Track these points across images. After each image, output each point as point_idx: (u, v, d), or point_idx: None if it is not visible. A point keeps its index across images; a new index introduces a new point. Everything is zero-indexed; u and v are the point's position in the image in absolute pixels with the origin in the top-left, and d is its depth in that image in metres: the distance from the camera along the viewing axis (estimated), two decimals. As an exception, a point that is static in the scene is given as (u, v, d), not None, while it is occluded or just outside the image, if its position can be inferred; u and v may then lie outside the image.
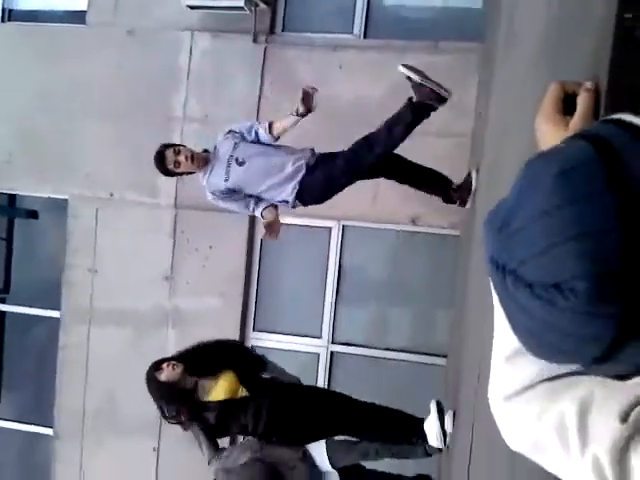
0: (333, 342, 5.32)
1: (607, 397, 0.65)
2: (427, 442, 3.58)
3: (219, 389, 3.53)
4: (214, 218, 5.31)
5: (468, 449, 2.53)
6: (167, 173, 3.83)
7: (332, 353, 5.31)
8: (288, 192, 3.69)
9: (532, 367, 0.71)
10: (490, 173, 3.27)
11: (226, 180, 3.71)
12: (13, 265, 6.13)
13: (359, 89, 5.17)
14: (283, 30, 5.50)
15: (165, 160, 3.72)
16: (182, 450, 5.22)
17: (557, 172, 0.56)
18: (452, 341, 4.49)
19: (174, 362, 3.51)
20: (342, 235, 5.29)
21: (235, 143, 3.74)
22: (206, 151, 3.84)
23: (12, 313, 6.07)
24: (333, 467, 3.68)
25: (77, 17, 5.86)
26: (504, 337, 0.73)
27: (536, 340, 0.62)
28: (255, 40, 5.36)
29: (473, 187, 3.84)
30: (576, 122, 0.83)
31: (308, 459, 3.86)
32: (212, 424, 3.51)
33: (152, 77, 5.57)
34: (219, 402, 3.50)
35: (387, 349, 5.22)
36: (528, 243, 0.57)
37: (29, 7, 6.10)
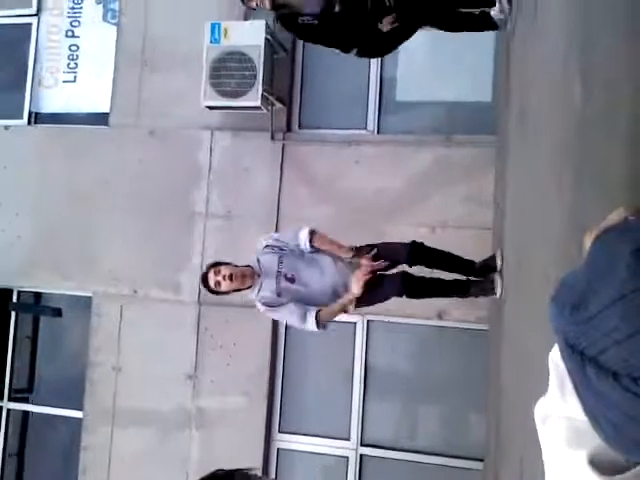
0: (362, 444, 5.18)
1: None
2: None
3: None
4: (237, 314, 5.32)
5: None
6: (214, 293, 3.83)
7: (361, 456, 5.17)
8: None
9: None
10: (515, 264, 3.26)
11: (279, 295, 3.72)
12: (37, 364, 6.13)
13: (375, 182, 5.26)
14: (299, 127, 5.65)
15: (208, 281, 3.75)
16: None
17: (633, 250, 0.53)
18: (489, 444, 4.36)
19: None
20: (367, 330, 5.25)
21: (280, 257, 3.76)
22: (248, 266, 3.82)
23: (35, 413, 6.03)
24: None
25: (100, 119, 6.08)
26: None
27: (618, 433, 0.58)
28: (273, 138, 5.51)
29: (498, 266, 3.84)
30: None
31: None
32: None
33: (174, 175, 5.71)
34: None
35: (419, 452, 5.07)
36: (608, 329, 0.53)
37: (54, 110, 6.35)
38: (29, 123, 6.31)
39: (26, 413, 6.10)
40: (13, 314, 6.09)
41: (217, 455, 5.29)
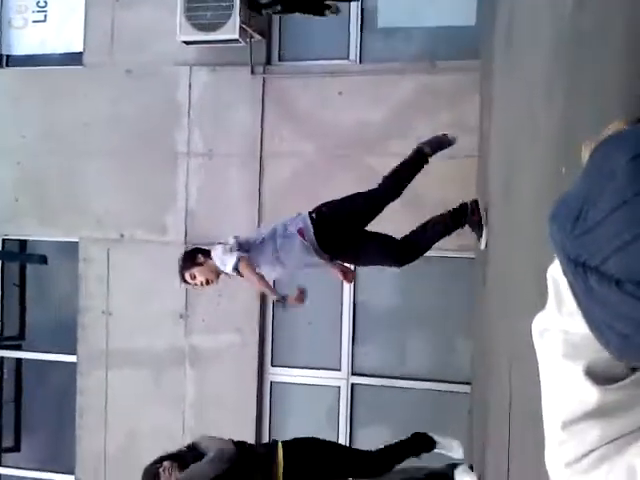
0: (353, 374, 5.27)
1: None
2: None
3: None
4: (224, 253, 5.31)
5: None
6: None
7: (352, 385, 5.26)
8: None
9: (593, 432, 0.69)
10: (503, 192, 3.24)
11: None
12: (27, 311, 6.13)
13: (359, 113, 5.16)
14: (280, 60, 5.50)
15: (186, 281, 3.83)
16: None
17: (631, 157, 0.52)
18: (475, 368, 4.44)
19: (169, 466, 3.47)
20: (355, 263, 5.26)
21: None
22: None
23: (29, 360, 6.07)
24: None
25: (74, 59, 5.90)
26: (559, 402, 0.71)
27: (626, 342, 0.58)
28: (253, 72, 5.36)
29: (482, 219, 3.82)
30: None
31: None
32: None
33: (153, 114, 5.58)
34: None
35: (408, 378, 5.17)
36: (610, 236, 0.52)
37: (26, 52, 6.14)
38: (1, 65, 6.11)
39: (19, 360, 6.14)
40: (-1, 263, 6.05)
41: (212, 391, 5.37)
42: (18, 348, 6.11)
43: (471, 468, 3.94)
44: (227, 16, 5.04)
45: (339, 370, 5.27)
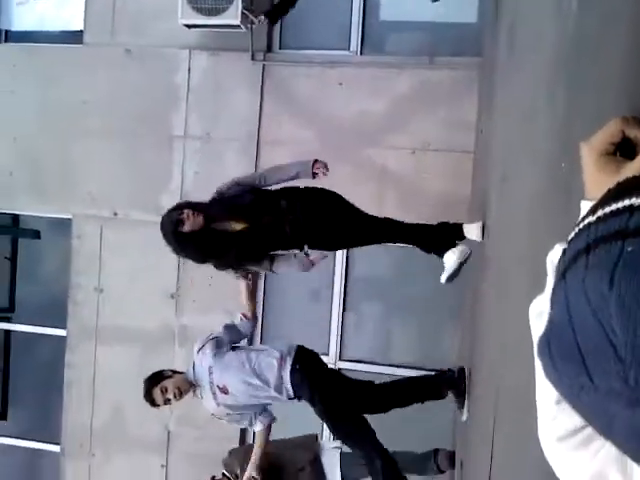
0: (340, 359, 5.37)
1: None
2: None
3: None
4: (218, 236, 5.37)
5: (488, 458, 2.59)
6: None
7: (339, 370, 5.35)
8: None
9: None
10: (500, 186, 3.31)
11: (218, 405, 3.68)
12: (18, 285, 6.16)
13: (358, 105, 5.23)
14: (280, 47, 5.55)
15: (155, 400, 3.69)
16: (190, 466, 5.27)
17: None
18: (462, 355, 4.55)
19: (190, 211, 3.38)
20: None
21: (209, 367, 3.65)
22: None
23: (18, 332, 6.10)
24: None
25: (74, 37, 5.90)
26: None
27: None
28: (253, 58, 5.41)
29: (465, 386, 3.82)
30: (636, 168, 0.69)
31: (318, 464, 3.95)
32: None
33: (151, 95, 5.61)
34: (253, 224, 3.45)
35: (395, 365, 5.27)
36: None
37: (26, 28, 6.13)
38: (-1, 41, 6.10)
39: (8, 332, 6.17)
40: (-9, 236, 6.07)
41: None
42: (7, 320, 6.14)
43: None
44: (229, 1, 5.07)
45: (327, 355, 5.36)
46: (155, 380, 3.70)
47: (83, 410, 5.70)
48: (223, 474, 3.78)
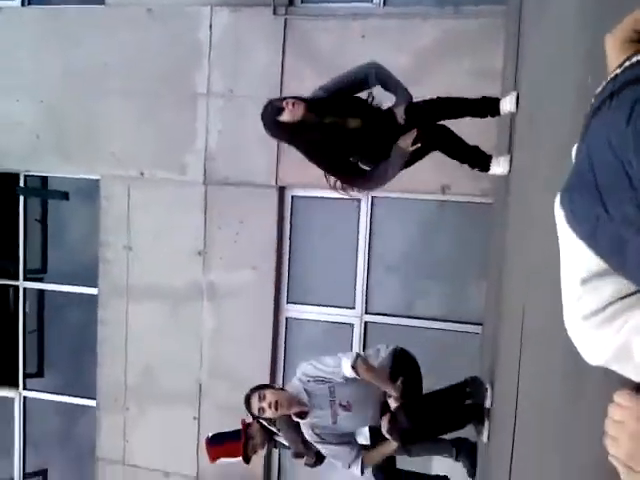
0: (367, 312, 5.42)
1: None
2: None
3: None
4: (243, 193, 5.40)
5: (512, 421, 2.62)
6: (255, 418, 3.68)
7: (366, 323, 5.42)
8: None
9: (611, 287, 0.74)
10: (528, 121, 3.27)
11: (334, 423, 3.55)
12: (49, 246, 6.29)
13: (381, 57, 5.13)
14: (302, 1, 5.47)
15: (251, 407, 3.48)
16: (222, 417, 5.39)
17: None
18: (487, 309, 4.56)
19: (292, 100, 3.30)
20: (372, 206, 5.34)
21: (330, 387, 3.52)
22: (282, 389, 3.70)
23: (51, 292, 6.26)
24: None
25: (95, -2, 5.88)
26: (579, 260, 0.75)
27: None
28: (275, 12, 5.35)
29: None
30: None
31: None
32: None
33: (174, 54, 5.59)
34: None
35: (420, 318, 5.31)
36: None
37: (47, -10, 6.13)
38: (22, 4, 6.11)
39: (42, 292, 6.33)
40: (21, 198, 6.17)
41: (229, 325, 5.54)
42: (39, 281, 6.29)
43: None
44: (250, -45, 5.00)
45: (353, 308, 5.42)
46: (259, 387, 3.57)
47: (116, 366, 5.85)
48: (252, 415, 3.77)
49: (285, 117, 3.29)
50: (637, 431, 0.74)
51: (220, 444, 4.03)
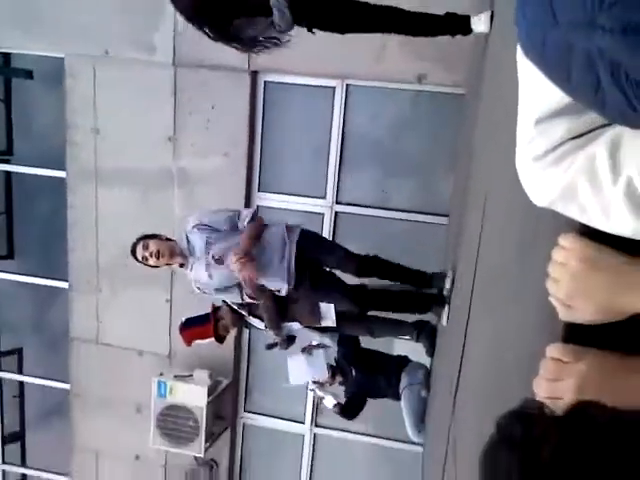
0: (337, 202, 5.46)
1: (638, 135, 0.67)
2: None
3: None
4: (214, 77, 5.24)
5: (470, 287, 2.74)
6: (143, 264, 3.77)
7: (336, 213, 5.46)
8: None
9: (562, 127, 0.74)
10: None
11: (210, 277, 3.64)
12: (14, 127, 6.10)
13: None
14: None
15: (136, 254, 3.72)
16: (194, 300, 5.53)
17: None
18: (453, 201, 4.63)
19: None
20: (346, 94, 5.23)
21: (207, 238, 3.59)
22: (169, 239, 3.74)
23: (18, 174, 6.14)
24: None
25: None
26: (536, 99, 0.74)
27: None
28: None
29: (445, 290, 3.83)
30: None
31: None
32: None
33: None
34: None
35: (389, 209, 5.37)
36: None
37: None
38: None
39: (9, 174, 6.21)
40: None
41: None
42: (6, 162, 6.15)
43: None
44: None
45: (324, 198, 5.45)
46: (144, 236, 3.77)
47: (88, 248, 5.87)
48: (223, 301, 3.94)
49: None
50: (578, 271, 0.78)
51: (192, 327, 4.24)
